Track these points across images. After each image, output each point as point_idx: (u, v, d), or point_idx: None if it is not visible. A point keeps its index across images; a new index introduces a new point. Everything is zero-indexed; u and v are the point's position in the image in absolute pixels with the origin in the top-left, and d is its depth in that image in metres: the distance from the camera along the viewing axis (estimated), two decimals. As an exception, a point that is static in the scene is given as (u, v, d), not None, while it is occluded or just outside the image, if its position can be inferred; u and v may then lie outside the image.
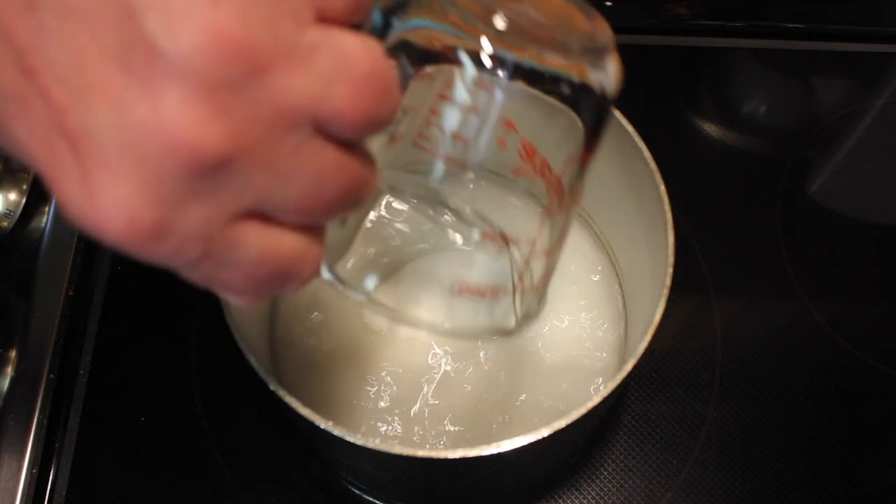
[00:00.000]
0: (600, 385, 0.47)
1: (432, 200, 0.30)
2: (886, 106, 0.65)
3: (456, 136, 0.28)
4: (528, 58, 0.27)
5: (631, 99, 0.43)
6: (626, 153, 0.43)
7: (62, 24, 0.19)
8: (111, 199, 0.20)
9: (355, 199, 0.24)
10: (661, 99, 0.65)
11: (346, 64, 0.21)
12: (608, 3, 0.67)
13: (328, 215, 0.23)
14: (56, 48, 0.19)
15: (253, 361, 0.36)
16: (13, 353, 0.51)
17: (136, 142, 0.19)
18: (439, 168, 0.29)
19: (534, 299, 0.33)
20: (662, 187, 0.41)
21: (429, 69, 0.28)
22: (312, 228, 0.24)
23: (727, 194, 0.60)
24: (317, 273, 0.25)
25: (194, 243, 0.21)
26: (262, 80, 0.20)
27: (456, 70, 0.27)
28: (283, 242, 0.23)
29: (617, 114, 0.42)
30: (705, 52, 0.67)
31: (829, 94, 0.66)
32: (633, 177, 0.43)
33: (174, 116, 0.19)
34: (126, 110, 0.19)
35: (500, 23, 0.27)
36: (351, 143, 0.23)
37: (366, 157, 0.24)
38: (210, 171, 0.20)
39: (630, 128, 0.42)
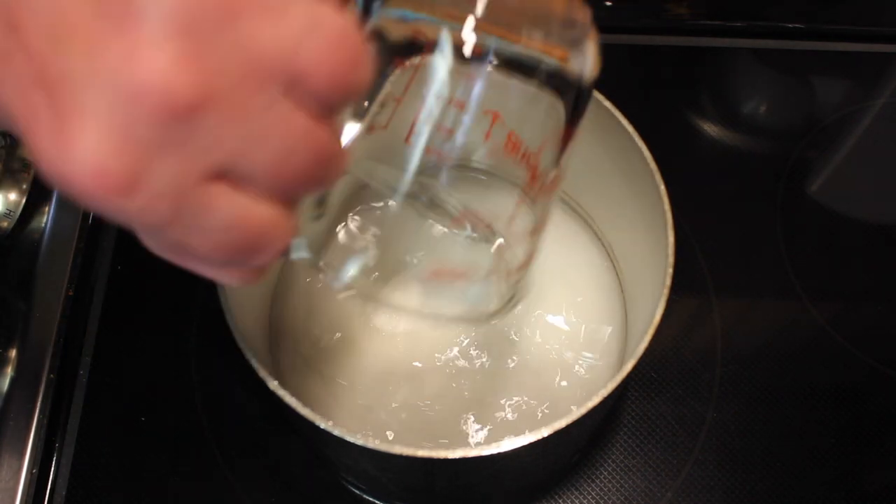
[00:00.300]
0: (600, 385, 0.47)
1: (410, 192, 0.30)
2: (886, 106, 0.65)
3: (439, 128, 0.29)
4: (509, 39, 0.28)
5: (631, 99, 0.43)
6: (626, 153, 0.43)
7: None
8: (82, 148, 0.20)
9: (324, 174, 0.24)
10: (661, 99, 0.65)
11: (318, 24, 0.22)
12: (608, 3, 0.67)
13: (298, 187, 0.23)
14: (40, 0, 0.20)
15: (253, 361, 0.36)
16: (13, 353, 0.51)
17: (109, 86, 0.19)
18: (419, 158, 0.29)
19: (517, 282, 0.34)
20: (662, 187, 0.41)
21: (410, 61, 0.28)
22: (284, 202, 0.24)
23: (727, 194, 0.60)
24: (286, 247, 0.25)
25: (164, 200, 0.21)
26: (236, 26, 0.20)
27: (436, 59, 0.28)
28: (253, 210, 0.23)
29: (617, 114, 0.42)
30: (705, 52, 0.67)
31: (829, 94, 0.66)
32: (633, 177, 0.43)
33: (147, 59, 0.19)
34: (100, 54, 0.19)
35: (480, 4, 0.27)
36: (321, 116, 0.23)
37: (335, 135, 0.24)
38: (181, 117, 0.20)
39: (630, 128, 0.42)
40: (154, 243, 0.23)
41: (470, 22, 0.27)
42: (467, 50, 0.27)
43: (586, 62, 0.30)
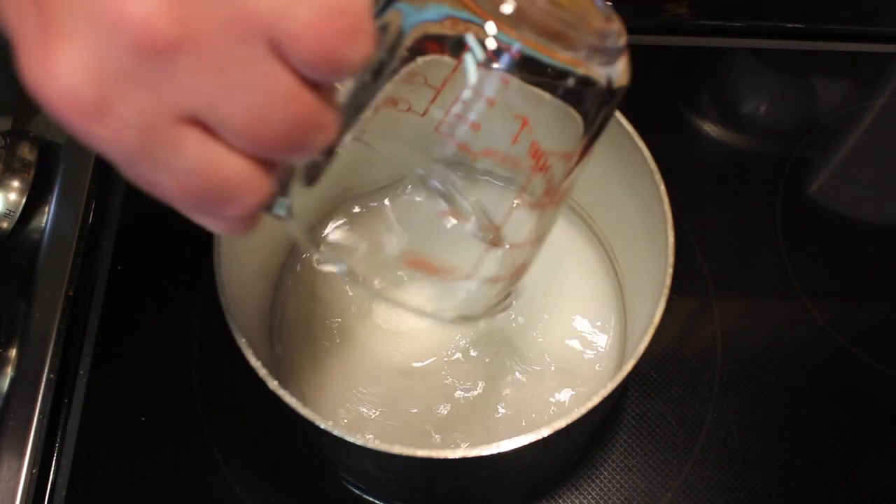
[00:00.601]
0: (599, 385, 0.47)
1: (429, 179, 0.30)
2: (886, 106, 0.65)
3: (465, 120, 0.28)
4: (533, 48, 0.27)
5: (631, 99, 0.43)
6: (626, 153, 0.43)
7: None
8: (59, 68, 0.20)
9: (305, 141, 0.23)
10: (661, 99, 0.65)
11: None
12: (608, 3, 0.67)
13: (273, 148, 0.23)
14: None
15: (253, 361, 0.36)
16: (13, 353, 0.51)
17: (94, 14, 0.20)
18: (446, 149, 0.28)
19: (509, 287, 0.34)
20: (662, 187, 0.41)
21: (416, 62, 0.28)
22: (261, 160, 0.24)
23: (727, 194, 0.60)
24: (260, 205, 0.25)
25: (132, 132, 0.21)
26: None
27: (467, 56, 0.27)
28: (224, 161, 0.23)
29: (617, 114, 0.42)
30: (705, 52, 0.67)
31: (829, 94, 0.66)
32: (633, 177, 0.43)
33: None
34: None
35: (507, 7, 0.27)
36: (315, 83, 0.23)
37: (327, 103, 0.24)
38: (155, 55, 0.20)
39: (630, 128, 0.42)
40: (128, 175, 0.24)
41: (495, 18, 0.27)
42: (489, 46, 0.27)
43: (615, 77, 0.30)
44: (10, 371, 0.51)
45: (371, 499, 0.49)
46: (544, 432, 0.34)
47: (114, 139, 0.22)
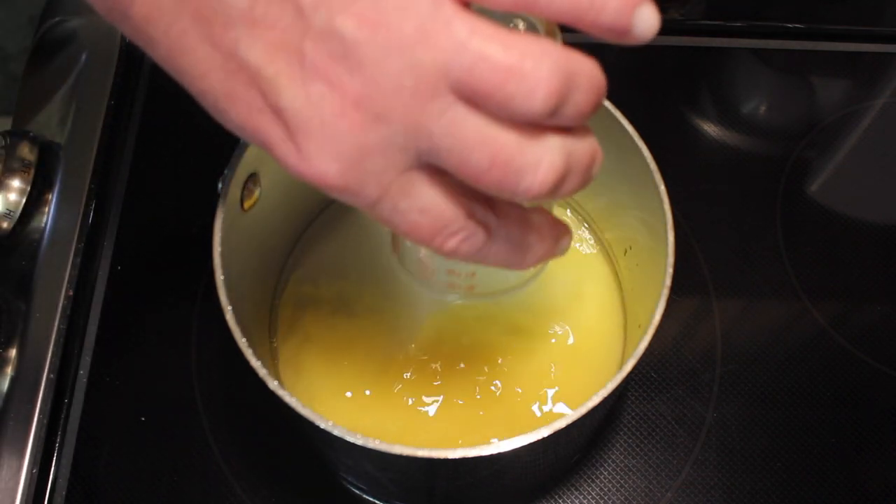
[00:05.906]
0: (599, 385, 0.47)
1: None
2: (886, 106, 0.65)
3: None
4: None
5: (631, 99, 0.43)
6: (626, 153, 0.43)
7: (252, 31, 0.26)
8: (315, 162, 0.27)
9: (507, 181, 0.26)
10: (661, 99, 0.65)
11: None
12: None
13: (482, 184, 0.26)
14: (248, 50, 0.26)
15: (253, 361, 0.36)
16: (13, 353, 0.51)
17: (328, 122, 0.26)
18: None
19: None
20: (662, 187, 0.41)
21: None
22: (488, 208, 0.29)
23: (727, 194, 0.60)
24: (474, 252, 0.29)
25: (372, 188, 0.27)
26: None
27: None
28: (444, 202, 0.27)
29: (617, 114, 0.42)
30: (705, 52, 0.67)
31: (829, 94, 0.66)
32: (633, 177, 0.43)
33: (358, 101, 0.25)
34: (316, 98, 0.26)
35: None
36: (522, 123, 0.26)
37: (527, 146, 0.26)
38: (381, 141, 0.26)
39: (630, 128, 0.42)
40: (371, 214, 0.29)
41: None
42: None
43: None
44: (10, 371, 0.51)
45: (371, 499, 0.49)
46: (544, 432, 0.34)
47: (358, 195, 0.27)
